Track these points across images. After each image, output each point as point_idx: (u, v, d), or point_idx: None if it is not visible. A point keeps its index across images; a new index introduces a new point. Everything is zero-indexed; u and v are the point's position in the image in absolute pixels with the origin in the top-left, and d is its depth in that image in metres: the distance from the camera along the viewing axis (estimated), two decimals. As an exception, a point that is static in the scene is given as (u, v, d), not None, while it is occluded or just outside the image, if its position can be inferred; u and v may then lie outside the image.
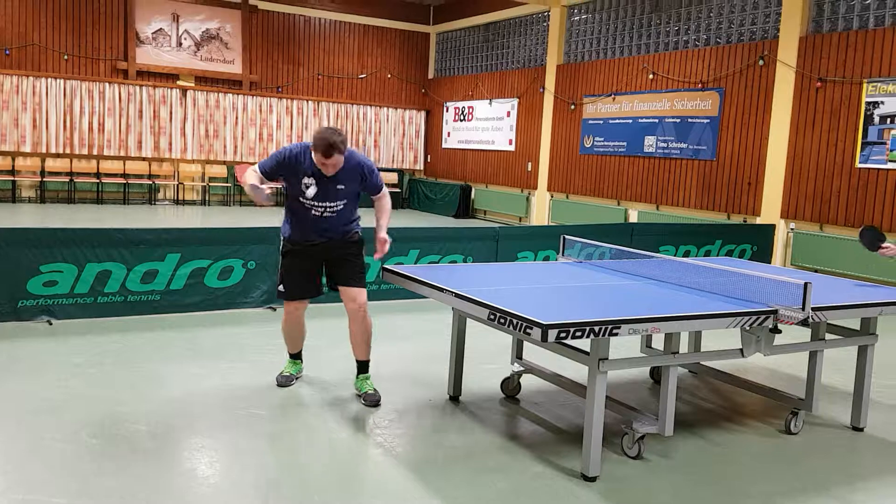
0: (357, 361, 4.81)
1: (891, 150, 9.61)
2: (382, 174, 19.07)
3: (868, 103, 9.85)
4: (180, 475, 3.53)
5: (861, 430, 4.55)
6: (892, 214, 9.57)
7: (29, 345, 5.55)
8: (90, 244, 6.26)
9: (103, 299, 6.35)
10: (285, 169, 4.47)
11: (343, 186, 4.51)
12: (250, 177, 4.42)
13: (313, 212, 4.53)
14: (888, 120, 9.65)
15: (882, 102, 9.70)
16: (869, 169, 9.82)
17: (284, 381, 4.87)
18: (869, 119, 9.85)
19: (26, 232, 6.25)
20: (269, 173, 4.49)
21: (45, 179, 15.73)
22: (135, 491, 3.33)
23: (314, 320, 6.71)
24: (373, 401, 4.59)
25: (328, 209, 4.54)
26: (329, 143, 4.24)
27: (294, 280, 4.69)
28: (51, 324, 6.10)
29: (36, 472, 3.48)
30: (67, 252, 6.18)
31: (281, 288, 4.71)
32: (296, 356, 5.05)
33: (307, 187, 4.44)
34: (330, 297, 5.06)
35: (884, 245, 4.86)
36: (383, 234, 4.61)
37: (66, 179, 15.89)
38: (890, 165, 9.61)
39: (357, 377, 4.81)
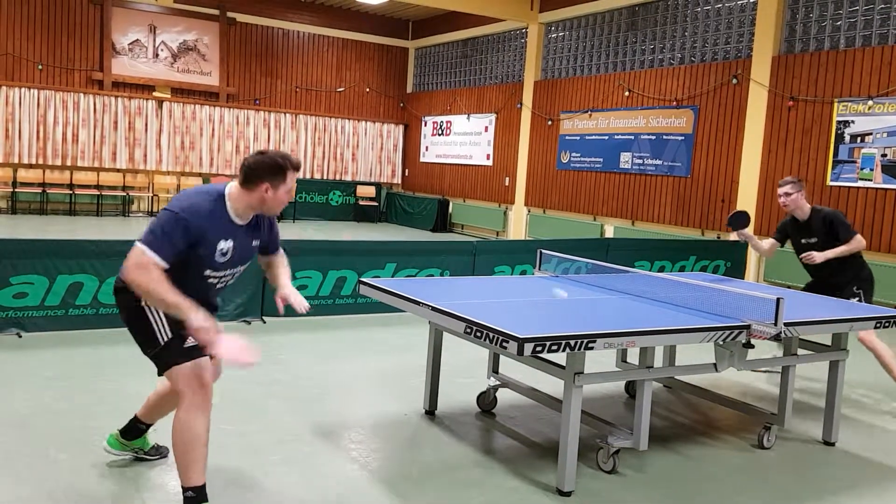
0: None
1: (861, 169, 9.79)
2: (361, 188, 18.92)
3: (839, 122, 10.03)
4: (150, 490, 3.48)
5: (832, 444, 4.59)
6: (864, 232, 9.73)
7: (-3, 358, 5.45)
8: (62, 255, 6.18)
9: (75, 311, 6.25)
10: (195, 238, 3.03)
11: (258, 242, 3.38)
12: (160, 283, 2.92)
13: (212, 282, 3.27)
14: (858, 139, 9.83)
15: (853, 122, 9.88)
16: (840, 187, 9.98)
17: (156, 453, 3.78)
18: (840, 138, 10.02)
19: (-4, 243, 6.15)
20: (173, 255, 2.99)
21: (16, 190, 15.52)
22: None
23: (276, 335, 6.68)
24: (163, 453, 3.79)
25: (233, 276, 3.36)
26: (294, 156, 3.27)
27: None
28: (20, 336, 6.00)
29: (4, 487, 3.41)
30: (38, 263, 6.09)
31: (187, 341, 3.10)
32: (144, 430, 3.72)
33: (224, 254, 3.16)
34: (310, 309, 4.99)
35: (741, 231, 5.87)
36: (290, 288, 3.55)
37: (39, 190, 15.68)
38: (861, 184, 9.78)
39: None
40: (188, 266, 3.09)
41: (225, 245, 3.15)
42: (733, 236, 5.93)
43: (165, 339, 3.12)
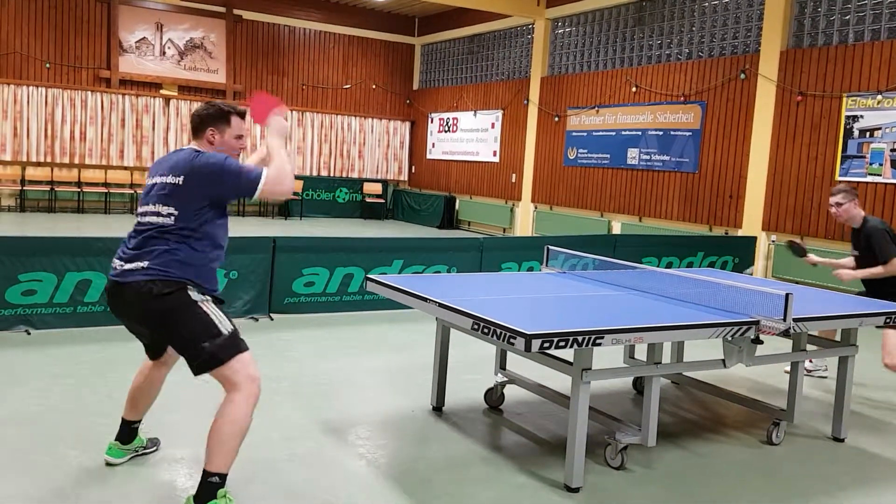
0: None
1: (870, 164, 9.73)
2: (367, 185, 18.92)
3: (848, 117, 9.97)
4: (159, 486, 3.49)
5: (842, 440, 4.57)
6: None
7: (6, 355, 5.47)
8: (70, 253, 6.20)
9: (83, 309, 6.27)
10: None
11: None
12: (283, 165, 3.25)
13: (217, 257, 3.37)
14: (867, 133, 9.77)
15: (861, 116, 9.83)
16: (849, 182, 9.92)
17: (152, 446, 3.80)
18: (848, 133, 9.97)
19: (5, 240, 6.17)
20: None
21: (25, 188, 15.58)
22: (113, 502, 3.28)
23: (284, 332, 6.69)
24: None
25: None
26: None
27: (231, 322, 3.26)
28: (29, 333, 6.02)
29: (14, 483, 3.42)
30: (47, 261, 6.11)
31: (229, 332, 3.18)
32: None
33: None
34: (316, 306, 5.00)
35: (808, 258, 5.84)
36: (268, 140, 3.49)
37: (47, 188, 15.74)
38: (870, 178, 9.73)
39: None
40: (223, 216, 3.34)
41: None
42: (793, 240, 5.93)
43: (229, 329, 3.17)
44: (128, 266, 3.18)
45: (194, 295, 3.17)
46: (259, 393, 3.19)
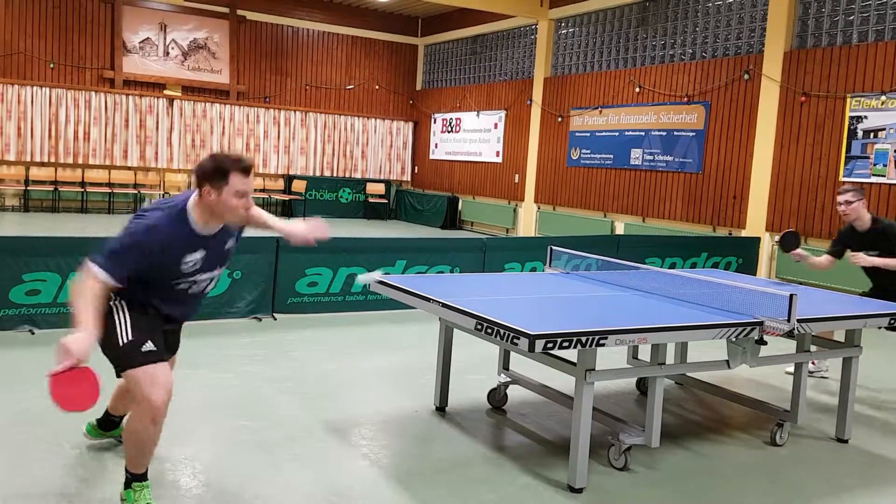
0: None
1: (874, 165, 9.72)
2: (370, 185, 18.84)
3: (851, 118, 9.95)
4: (163, 486, 3.49)
5: (846, 441, 4.56)
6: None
7: (11, 355, 5.48)
8: (74, 253, 6.20)
9: (87, 309, 6.27)
10: (156, 256, 3.02)
11: (232, 241, 3.33)
12: (84, 297, 2.93)
13: (184, 288, 3.22)
14: (871, 134, 9.76)
15: (865, 117, 9.81)
16: (853, 183, 9.90)
17: None
18: (852, 133, 9.95)
19: (9, 240, 6.19)
20: (128, 273, 3.01)
21: (28, 188, 15.61)
22: (116, 502, 3.28)
23: (287, 332, 6.70)
24: None
25: (210, 280, 3.32)
26: (244, 158, 3.11)
27: (152, 328, 3.15)
28: (33, 333, 6.03)
29: (19, 482, 3.43)
30: (51, 261, 6.12)
31: (145, 345, 3.08)
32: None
33: (192, 265, 3.13)
34: (319, 307, 5.00)
35: (795, 252, 5.72)
36: (290, 225, 3.46)
37: (51, 188, 15.77)
38: (874, 179, 9.71)
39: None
40: (160, 277, 3.12)
41: (191, 257, 3.11)
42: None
43: (124, 340, 3.09)
44: None
45: (112, 302, 3.12)
46: (154, 414, 3.01)
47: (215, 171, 3.01)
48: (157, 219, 3.02)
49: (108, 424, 3.82)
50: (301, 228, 3.48)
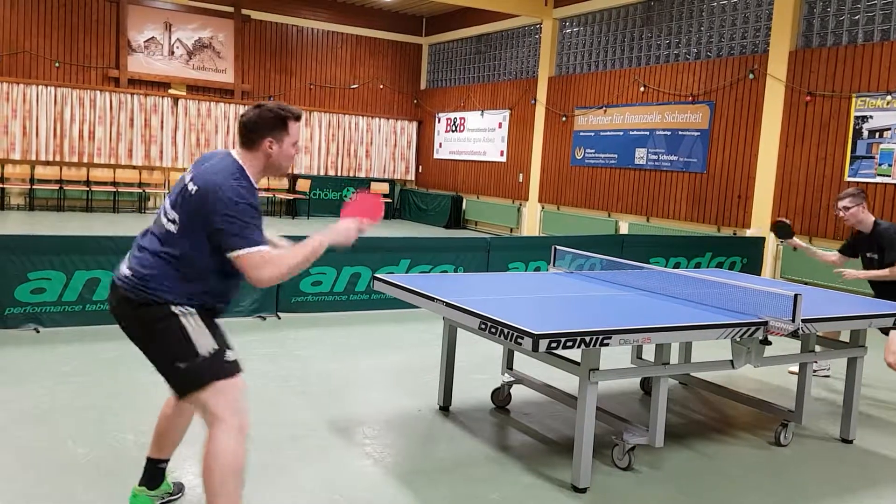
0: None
1: (879, 165, 9.69)
2: (374, 185, 18.85)
3: (857, 117, 9.93)
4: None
5: (850, 442, 4.55)
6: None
7: (15, 353, 5.50)
8: (79, 251, 6.23)
9: (91, 307, 6.30)
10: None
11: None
12: (288, 258, 2.82)
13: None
14: (877, 134, 9.73)
15: (871, 117, 9.78)
16: (858, 183, 9.87)
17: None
18: (858, 133, 9.92)
19: (14, 239, 6.20)
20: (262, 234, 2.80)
21: (34, 187, 15.65)
22: (121, 501, 3.29)
23: (291, 331, 6.70)
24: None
25: None
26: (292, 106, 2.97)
27: (225, 335, 2.93)
28: (38, 332, 6.05)
29: (22, 482, 3.44)
30: (56, 259, 6.14)
31: (227, 353, 2.87)
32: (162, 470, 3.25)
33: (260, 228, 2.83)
34: (323, 306, 5.00)
35: (790, 241, 5.82)
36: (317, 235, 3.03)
37: (56, 187, 15.81)
38: (879, 179, 9.68)
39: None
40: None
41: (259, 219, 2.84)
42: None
43: (211, 350, 2.78)
44: (123, 267, 2.89)
45: (175, 308, 2.78)
46: (245, 427, 2.80)
47: (277, 121, 2.88)
48: (238, 182, 2.77)
49: (156, 477, 3.22)
50: (336, 234, 3.07)
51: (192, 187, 2.81)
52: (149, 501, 3.21)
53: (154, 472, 3.22)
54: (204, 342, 2.79)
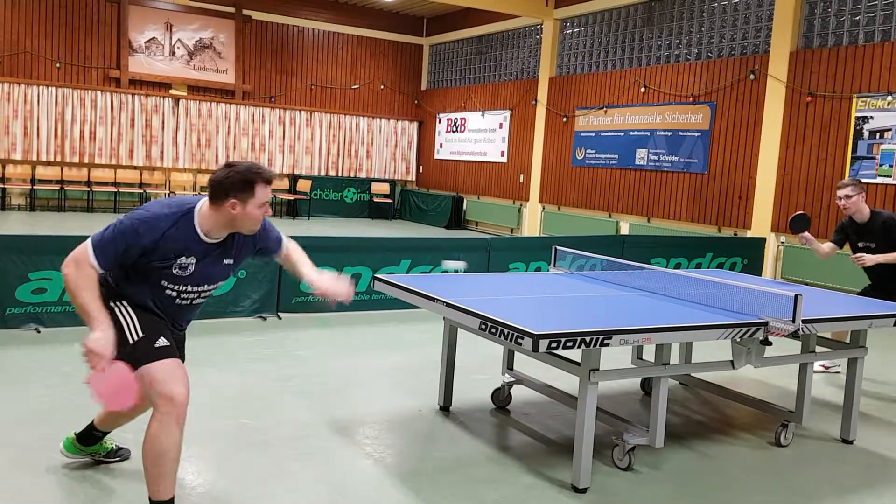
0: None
1: (880, 165, 9.69)
2: (375, 185, 18.78)
3: (857, 118, 9.93)
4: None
5: (850, 442, 4.55)
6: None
7: (16, 353, 5.50)
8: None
9: (92, 307, 6.29)
10: (146, 249, 2.89)
11: (232, 261, 3.16)
12: (84, 284, 2.83)
13: (172, 295, 3.06)
14: (877, 135, 9.73)
15: (871, 117, 9.78)
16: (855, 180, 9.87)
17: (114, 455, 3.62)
18: (858, 134, 9.92)
19: (15, 239, 6.21)
20: (113, 262, 2.90)
21: (35, 187, 15.66)
22: (122, 501, 3.29)
23: (291, 331, 6.71)
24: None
25: (199, 295, 3.15)
26: (267, 169, 3.04)
27: (161, 326, 3.06)
28: (39, 332, 6.06)
29: (22, 481, 3.44)
30: (57, 259, 6.11)
31: (158, 341, 3.00)
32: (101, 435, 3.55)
33: (182, 268, 2.98)
34: (324, 306, 5.00)
35: (802, 234, 5.81)
36: (326, 275, 3.36)
37: (57, 187, 15.82)
38: (879, 180, 9.68)
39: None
40: (146, 274, 2.96)
41: (185, 261, 2.96)
42: (796, 239, 5.94)
43: (135, 337, 2.95)
44: None
45: (113, 303, 2.97)
46: (178, 412, 2.89)
47: (243, 184, 2.92)
48: (162, 213, 2.92)
49: (89, 439, 3.51)
50: (327, 284, 3.31)
51: None
52: (75, 451, 3.56)
53: (89, 435, 3.52)
54: (133, 330, 2.96)
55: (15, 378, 4.91)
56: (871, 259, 5.52)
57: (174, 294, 3.05)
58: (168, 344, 3.00)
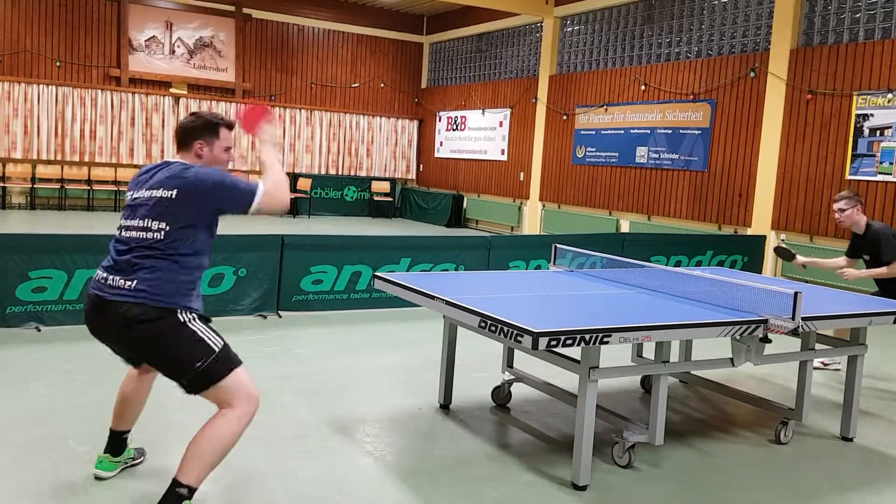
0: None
1: (881, 163, 9.68)
2: (375, 183, 18.78)
3: (858, 116, 9.92)
4: (168, 483, 3.50)
5: (850, 440, 4.55)
6: (882, 226, 9.61)
7: (17, 351, 5.50)
8: (80, 250, 6.23)
9: (93, 306, 6.30)
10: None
11: None
12: (272, 183, 3.15)
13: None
14: (878, 132, 9.72)
15: (871, 115, 9.77)
16: (859, 181, 9.88)
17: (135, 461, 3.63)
18: (859, 131, 9.92)
19: (15, 238, 6.21)
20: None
21: (35, 186, 15.67)
22: (123, 499, 3.30)
23: (292, 329, 6.71)
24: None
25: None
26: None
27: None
28: (39, 330, 6.06)
29: (23, 480, 3.45)
30: (57, 258, 6.15)
31: (220, 347, 3.10)
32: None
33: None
34: (324, 304, 5.01)
35: (795, 261, 5.89)
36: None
37: (57, 186, 15.83)
38: (880, 178, 9.68)
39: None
40: (205, 239, 3.15)
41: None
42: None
43: (218, 345, 3.06)
44: (113, 281, 3.08)
45: (182, 316, 3.03)
46: (254, 413, 3.06)
47: (207, 127, 3.19)
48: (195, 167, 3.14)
49: (117, 447, 3.52)
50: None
51: (164, 194, 3.04)
52: (113, 466, 3.50)
53: (117, 442, 3.50)
54: (213, 340, 3.07)
55: (15, 377, 4.92)
56: (852, 275, 5.56)
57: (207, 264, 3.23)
58: (227, 352, 3.13)
